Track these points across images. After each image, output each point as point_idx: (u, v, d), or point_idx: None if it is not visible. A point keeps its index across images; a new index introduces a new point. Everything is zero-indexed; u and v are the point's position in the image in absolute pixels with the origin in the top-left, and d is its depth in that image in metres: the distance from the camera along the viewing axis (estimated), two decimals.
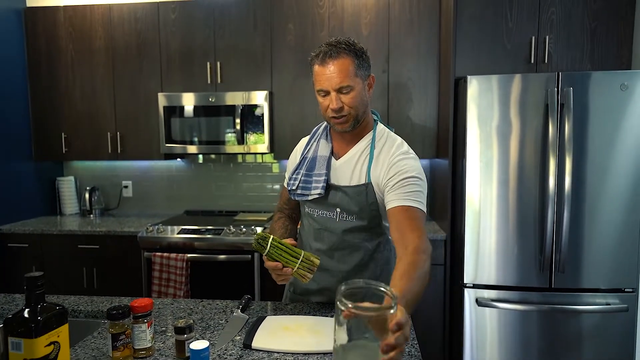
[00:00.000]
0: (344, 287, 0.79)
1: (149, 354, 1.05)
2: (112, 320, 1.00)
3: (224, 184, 3.23)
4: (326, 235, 1.33)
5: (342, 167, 1.31)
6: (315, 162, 1.34)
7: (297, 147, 1.48)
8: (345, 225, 1.30)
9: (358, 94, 1.22)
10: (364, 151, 1.30)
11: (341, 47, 1.21)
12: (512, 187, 2.14)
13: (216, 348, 1.08)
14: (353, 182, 1.29)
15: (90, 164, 3.32)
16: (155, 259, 2.54)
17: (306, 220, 1.42)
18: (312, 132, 1.44)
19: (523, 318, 2.16)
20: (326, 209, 1.32)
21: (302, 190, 1.34)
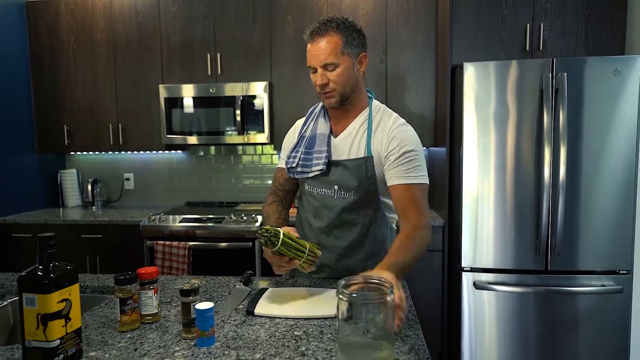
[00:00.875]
0: (344, 282, 0.83)
1: (155, 320, 1.09)
2: (120, 285, 1.03)
3: (224, 175, 3.27)
4: (325, 212, 1.36)
5: (341, 144, 1.34)
6: (315, 139, 1.37)
7: (294, 127, 1.50)
8: (343, 203, 1.33)
9: (344, 71, 1.24)
10: (361, 126, 1.33)
11: (331, 25, 1.23)
12: (508, 173, 2.18)
13: (220, 315, 1.12)
14: (352, 156, 1.32)
15: (92, 157, 3.36)
16: (158, 247, 2.58)
17: (306, 198, 1.44)
18: (309, 112, 1.46)
19: (520, 300, 2.20)
20: (325, 186, 1.35)
21: (302, 168, 1.37)
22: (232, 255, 2.56)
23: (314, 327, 1.04)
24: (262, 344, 0.96)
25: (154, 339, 0.99)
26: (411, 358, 0.89)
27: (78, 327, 0.89)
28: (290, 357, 0.90)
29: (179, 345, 0.96)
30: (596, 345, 2.17)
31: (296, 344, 0.96)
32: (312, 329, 1.03)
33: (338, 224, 1.35)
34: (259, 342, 0.97)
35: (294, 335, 1.00)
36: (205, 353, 0.92)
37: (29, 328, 0.83)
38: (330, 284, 1.35)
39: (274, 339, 0.98)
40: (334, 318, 1.09)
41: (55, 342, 0.84)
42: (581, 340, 2.18)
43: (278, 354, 0.91)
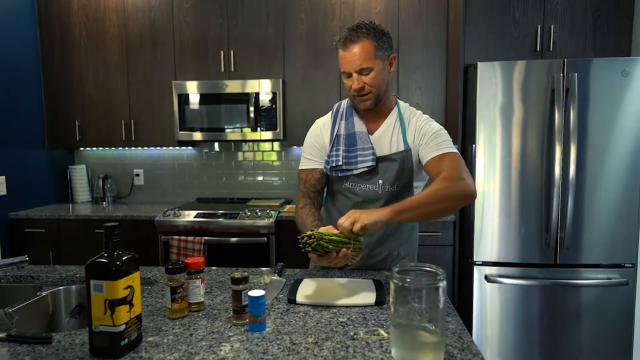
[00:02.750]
0: (398, 268, 0.90)
1: (202, 308, 1.13)
2: (171, 275, 1.07)
3: (235, 172, 3.30)
4: (367, 206, 1.38)
5: (380, 140, 1.40)
6: (355, 137, 1.40)
7: (318, 127, 1.49)
8: (387, 196, 1.39)
9: (378, 74, 1.31)
10: (395, 123, 1.41)
11: (361, 31, 1.28)
12: (519, 170, 2.25)
13: None
14: (393, 151, 1.38)
15: (101, 153, 3.37)
16: (173, 242, 2.61)
17: (341, 196, 1.47)
18: (333, 111, 1.48)
19: (529, 293, 2.27)
20: (369, 181, 1.39)
21: (346, 165, 1.39)
22: (246, 249, 2.60)
23: (356, 314, 1.09)
24: (312, 329, 1.00)
25: (205, 325, 1.03)
26: (455, 341, 0.95)
27: (139, 313, 0.93)
28: (341, 341, 0.95)
29: (232, 331, 1.00)
30: (601, 337, 2.25)
31: (344, 329, 1.00)
32: (355, 316, 1.08)
33: None
34: (308, 327, 1.01)
35: (340, 321, 1.05)
36: (259, 338, 0.96)
37: (96, 313, 0.87)
38: (360, 275, 1.40)
39: (322, 325, 1.03)
40: (373, 306, 1.14)
41: (122, 327, 0.88)
42: (587, 332, 2.26)
43: (329, 338, 0.96)
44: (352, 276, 1.39)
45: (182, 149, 3.30)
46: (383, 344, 0.93)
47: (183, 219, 2.66)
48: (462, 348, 0.91)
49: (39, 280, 1.45)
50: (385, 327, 1.01)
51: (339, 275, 1.40)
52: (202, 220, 2.65)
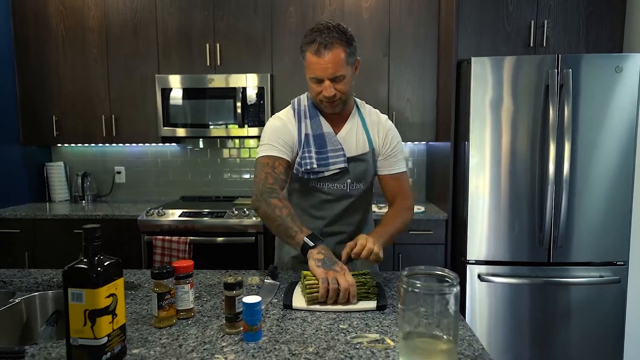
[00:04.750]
0: (407, 272, 0.83)
1: (191, 315, 1.05)
2: (157, 280, 0.99)
3: (220, 169, 3.20)
4: (337, 203, 1.43)
5: (346, 140, 1.40)
6: (325, 138, 1.38)
7: (285, 122, 1.40)
8: (357, 193, 1.43)
9: (349, 80, 1.31)
10: (357, 123, 1.43)
11: (334, 37, 1.24)
12: (513, 168, 2.22)
13: None
14: (360, 151, 1.41)
15: (80, 150, 3.22)
16: (157, 242, 2.50)
17: (307, 195, 1.44)
18: (294, 108, 1.41)
19: (522, 291, 2.25)
20: (338, 181, 1.40)
21: (319, 168, 1.36)
22: (234, 249, 2.51)
23: (357, 319, 1.03)
24: (311, 338, 0.93)
25: (195, 334, 0.95)
26: (466, 349, 0.89)
27: (123, 324, 0.85)
28: (344, 350, 0.88)
29: (225, 341, 0.92)
30: (593, 335, 2.25)
31: (345, 337, 0.94)
32: (356, 322, 1.01)
33: (347, 212, 1.44)
34: (307, 335, 0.94)
35: (340, 328, 0.98)
36: (255, 348, 0.89)
37: (75, 325, 0.78)
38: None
39: (322, 333, 0.96)
40: (374, 311, 1.08)
41: (103, 340, 0.79)
42: (579, 330, 2.25)
43: (331, 348, 0.89)
44: None
45: (165, 145, 3.18)
46: (390, 354, 0.86)
47: (167, 218, 2.56)
48: (474, 356, 0.86)
49: (12, 286, 1.34)
50: (389, 334, 0.95)
51: None
52: (187, 219, 2.55)
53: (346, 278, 1.08)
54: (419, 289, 0.78)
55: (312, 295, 1.08)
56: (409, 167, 3.11)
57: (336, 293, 1.07)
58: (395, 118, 2.76)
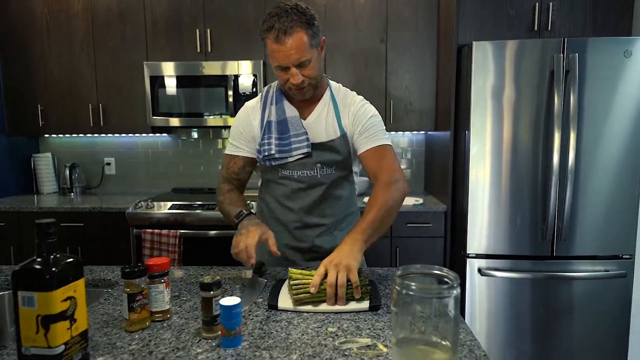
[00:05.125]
0: (401, 272, 0.75)
1: (166, 317, 0.96)
2: (128, 279, 0.90)
3: (213, 160, 3.11)
4: (310, 192, 1.34)
5: (314, 126, 1.31)
6: (287, 123, 1.30)
7: (246, 112, 1.37)
8: (329, 178, 1.33)
9: (316, 63, 1.22)
10: (328, 107, 1.33)
11: (293, 20, 1.14)
12: (515, 158, 2.12)
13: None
14: (330, 136, 1.31)
15: (68, 140, 3.12)
16: (146, 236, 2.41)
17: (279, 185, 1.36)
18: (262, 96, 1.36)
19: (524, 286, 2.17)
20: (307, 167, 1.31)
21: (280, 154, 1.30)
22: (226, 243, 2.41)
23: (348, 322, 0.94)
24: (296, 343, 0.85)
25: (169, 339, 0.87)
26: (466, 355, 0.80)
27: (84, 330, 0.76)
28: (331, 357, 0.79)
29: (201, 347, 0.84)
30: (597, 330, 2.17)
31: (334, 342, 0.85)
32: (347, 325, 0.93)
33: (322, 200, 1.35)
34: (291, 340, 0.86)
35: (329, 332, 0.90)
36: (233, 355, 0.80)
37: (26, 332, 0.70)
38: None
39: (308, 337, 0.87)
40: (367, 311, 0.99)
41: (60, 348, 0.70)
42: (582, 325, 2.17)
43: (317, 355, 0.80)
44: None
45: (156, 136, 3.08)
46: None
47: (156, 211, 2.47)
48: None
49: None
50: (382, 339, 0.86)
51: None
52: (178, 212, 2.46)
53: (341, 272, 1.00)
54: (414, 292, 0.69)
55: (298, 297, 1.00)
56: (408, 158, 3.02)
57: (333, 290, 1.00)
58: (393, 107, 2.66)
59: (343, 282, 0.99)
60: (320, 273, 1.01)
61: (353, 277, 1.00)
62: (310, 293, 1.00)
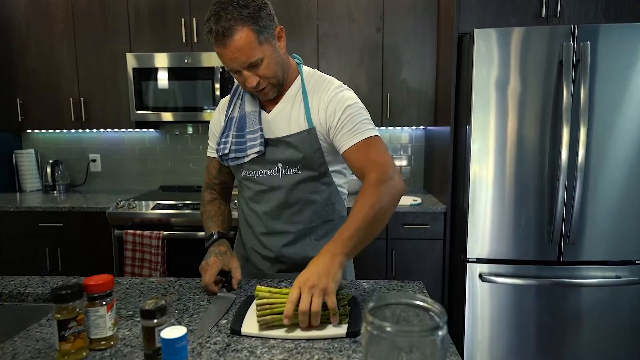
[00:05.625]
0: (373, 304, 0.60)
1: (110, 345, 0.83)
2: (59, 303, 0.76)
3: (202, 157, 2.97)
4: (271, 194, 1.19)
5: (277, 119, 1.16)
6: (245, 120, 1.18)
7: (219, 108, 1.28)
8: (291, 179, 1.17)
9: (271, 60, 1.06)
10: (296, 97, 1.16)
11: (232, 18, 0.98)
12: (520, 156, 1.97)
13: (197, 335, 0.87)
14: (293, 131, 1.15)
15: (52, 136, 3.00)
16: (127, 237, 2.29)
17: (244, 185, 1.25)
18: (232, 89, 1.25)
19: (528, 292, 2.02)
20: (266, 167, 1.18)
21: (236, 154, 1.18)
22: None
23: (321, 352, 0.80)
24: None
25: None
26: None
27: None
28: None
29: None
30: (607, 340, 2.02)
31: None
32: (318, 356, 0.79)
33: (289, 204, 1.19)
34: None
35: None
36: None
37: None
38: None
39: None
40: (343, 338, 0.85)
41: None
42: (592, 335, 2.02)
43: None
44: None
45: (143, 131, 2.95)
46: None
47: (139, 211, 2.34)
48: None
49: None
50: None
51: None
52: (162, 212, 2.32)
53: (316, 297, 0.85)
54: (389, 335, 0.54)
55: (263, 319, 0.86)
56: (407, 154, 2.86)
57: (306, 318, 0.85)
58: (390, 100, 2.51)
59: (318, 309, 0.84)
60: (292, 299, 0.85)
61: (330, 302, 0.86)
62: (277, 314, 0.86)
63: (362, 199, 0.99)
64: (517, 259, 2.02)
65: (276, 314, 0.86)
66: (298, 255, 1.21)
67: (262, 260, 1.25)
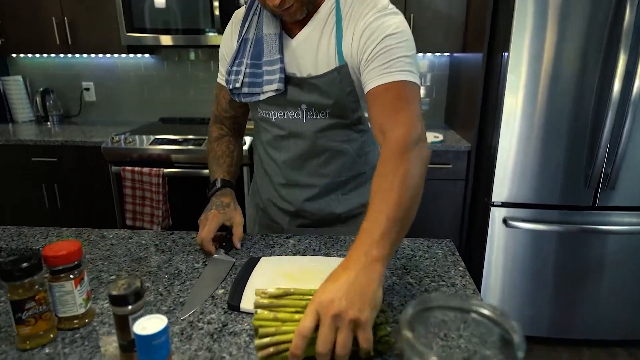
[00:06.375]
0: (412, 310, 0.41)
1: (84, 323, 0.69)
2: (10, 282, 0.61)
3: (205, 85, 2.72)
4: (292, 142, 0.99)
5: (302, 48, 0.91)
6: (262, 44, 0.93)
7: (232, 24, 1.02)
8: (317, 125, 0.96)
9: None
10: (327, 21, 0.89)
11: None
12: (563, 85, 1.71)
13: (187, 310, 0.72)
14: (321, 69, 0.90)
15: (40, 61, 2.75)
16: (126, 174, 2.14)
17: (262, 127, 1.04)
18: (248, 4, 0.98)
19: (552, 239, 1.88)
20: (288, 108, 0.96)
21: (249, 89, 0.95)
22: None
23: None
24: None
25: None
26: None
27: None
28: None
29: None
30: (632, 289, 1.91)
31: None
32: None
33: (313, 154, 1.00)
34: None
35: None
36: None
37: None
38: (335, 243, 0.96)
39: None
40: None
41: None
42: (616, 282, 1.90)
43: None
44: (331, 246, 0.95)
45: (138, 57, 2.68)
46: None
47: (136, 146, 2.16)
48: None
49: None
50: None
51: (314, 247, 0.95)
52: (161, 147, 2.15)
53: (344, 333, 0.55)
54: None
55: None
56: (427, 84, 2.59)
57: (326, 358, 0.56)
58: (414, 22, 2.19)
59: (346, 351, 0.55)
60: (304, 330, 0.55)
61: (364, 339, 0.55)
62: (283, 352, 0.59)
63: (387, 172, 0.71)
64: (546, 203, 1.85)
65: (281, 352, 0.59)
66: (323, 211, 1.04)
67: (280, 213, 1.09)
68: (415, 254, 0.94)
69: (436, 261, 0.90)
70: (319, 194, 1.03)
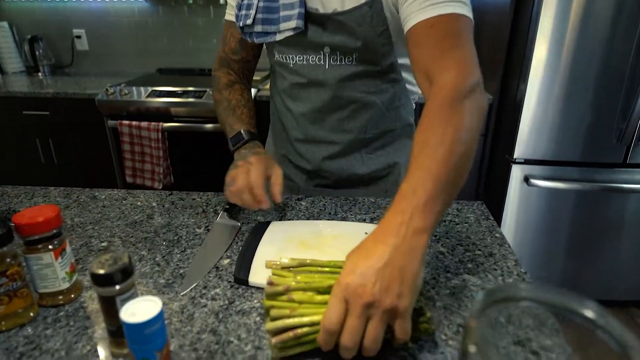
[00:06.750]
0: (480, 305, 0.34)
1: (70, 299, 0.60)
2: None
3: (205, 34, 2.53)
4: (312, 91, 0.87)
5: None
6: None
7: None
8: (341, 72, 0.83)
9: None
10: None
11: None
12: (596, 31, 1.53)
13: (186, 284, 0.63)
14: (349, 3, 0.76)
15: (26, 6, 2.55)
16: (123, 129, 2.02)
17: (278, 72, 0.91)
18: None
19: (574, 197, 1.77)
20: (307, 51, 0.83)
21: (263, 26, 0.81)
22: (219, 139, 2.02)
23: None
24: None
25: (55, 348, 0.52)
26: None
27: None
28: None
29: None
30: None
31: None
32: None
33: (335, 107, 0.88)
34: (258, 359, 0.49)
35: None
36: None
37: None
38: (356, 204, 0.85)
39: None
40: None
41: None
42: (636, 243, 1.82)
43: None
44: (348, 208, 0.84)
45: (130, 1, 2.47)
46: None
47: (132, 99, 2.02)
48: None
49: None
50: None
51: (329, 210, 0.85)
52: (159, 100, 2.01)
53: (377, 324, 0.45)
54: None
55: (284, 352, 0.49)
56: None
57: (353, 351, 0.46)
58: None
59: (377, 344, 0.46)
60: (331, 324, 0.45)
61: (401, 331, 0.46)
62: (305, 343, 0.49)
63: (435, 124, 0.55)
64: (572, 160, 1.73)
65: (304, 343, 0.49)
66: (344, 171, 0.93)
67: (296, 171, 0.99)
68: (444, 217, 0.83)
69: (468, 226, 0.80)
70: (341, 152, 0.92)
